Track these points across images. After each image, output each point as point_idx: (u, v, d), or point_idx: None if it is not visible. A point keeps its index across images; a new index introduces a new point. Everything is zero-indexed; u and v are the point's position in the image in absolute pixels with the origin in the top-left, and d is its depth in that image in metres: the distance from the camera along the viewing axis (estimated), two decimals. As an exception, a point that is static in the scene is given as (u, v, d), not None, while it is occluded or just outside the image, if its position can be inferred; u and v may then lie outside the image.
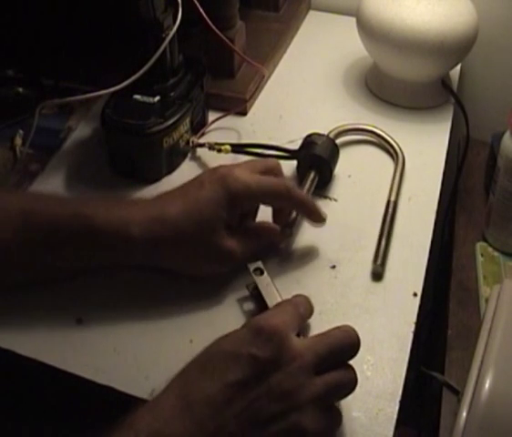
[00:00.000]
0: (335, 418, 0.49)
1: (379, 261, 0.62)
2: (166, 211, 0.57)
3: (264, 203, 0.63)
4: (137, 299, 0.60)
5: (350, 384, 0.48)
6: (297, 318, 0.50)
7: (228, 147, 0.74)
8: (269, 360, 0.46)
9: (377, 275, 0.62)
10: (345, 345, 0.49)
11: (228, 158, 0.74)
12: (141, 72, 0.68)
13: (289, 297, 0.57)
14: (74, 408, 0.60)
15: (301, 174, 0.72)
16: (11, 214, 0.57)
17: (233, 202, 0.58)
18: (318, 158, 0.71)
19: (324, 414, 0.47)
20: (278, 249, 0.64)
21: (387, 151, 0.77)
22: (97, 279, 0.61)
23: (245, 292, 0.60)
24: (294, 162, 0.73)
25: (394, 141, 0.77)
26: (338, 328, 0.50)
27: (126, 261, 0.59)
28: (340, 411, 0.49)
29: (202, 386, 0.46)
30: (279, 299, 0.56)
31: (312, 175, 0.70)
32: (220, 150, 0.74)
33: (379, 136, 0.78)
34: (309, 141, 0.72)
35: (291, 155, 0.73)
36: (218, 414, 0.45)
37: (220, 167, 0.60)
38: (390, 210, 0.68)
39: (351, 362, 0.49)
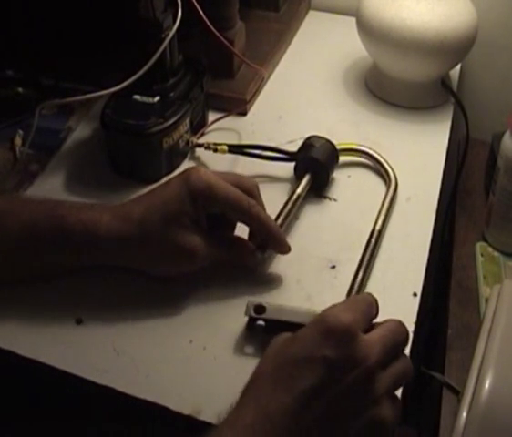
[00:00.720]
0: (399, 403, 0.50)
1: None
2: (132, 210, 0.59)
3: (226, 212, 0.61)
4: (136, 300, 0.60)
5: (410, 372, 0.50)
6: (366, 315, 0.49)
7: (224, 147, 0.74)
8: (343, 360, 0.45)
9: None
10: (403, 336, 0.50)
11: (226, 159, 0.74)
12: (141, 72, 0.68)
13: (289, 301, 0.57)
14: (74, 408, 0.60)
15: (298, 176, 0.71)
16: None
17: (194, 199, 0.58)
18: (315, 161, 0.70)
19: (393, 402, 0.48)
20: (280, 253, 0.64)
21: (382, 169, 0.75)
22: (96, 279, 0.61)
23: (244, 292, 0.60)
24: (292, 164, 0.72)
25: (388, 164, 0.73)
26: (390, 320, 0.50)
27: (96, 261, 0.60)
28: (398, 396, 0.50)
29: (279, 396, 0.45)
30: (306, 310, 0.55)
31: (306, 179, 0.69)
32: (215, 150, 0.74)
33: (374, 158, 0.75)
34: (307, 143, 0.72)
35: (288, 156, 0.73)
36: (298, 422, 0.44)
37: (190, 167, 0.60)
38: (373, 241, 0.64)
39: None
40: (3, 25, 0.87)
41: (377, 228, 0.66)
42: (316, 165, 0.70)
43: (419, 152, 0.78)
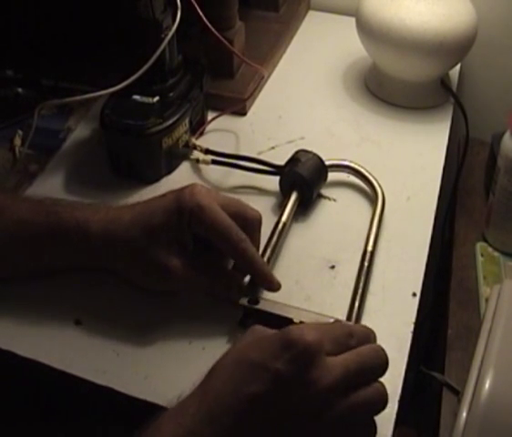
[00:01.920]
0: (366, 434, 0.47)
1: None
2: (123, 214, 0.59)
3: (212, 239, 0.57)
4: (136, 300, 0.60)
5: (380, 401, 0.47)
6: (335, 341, 0.46)
7: (208, 159, 0.73)
8: (293, 377, 0.44)
9: None
10: (375, 364, 0.47)
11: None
12: (140, 72, 0.68)
13: (288, 301, 0.57)
14: (72, 409, 0.60)
15: (283, 192, 0.70)
16: None
17: (181, 215, 0.56)
18: (299, 177, 0.68)
19: (353, 431, 0.46)
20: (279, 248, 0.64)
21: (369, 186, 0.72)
22: (95, 280, 0.61)
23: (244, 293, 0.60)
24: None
25: (376, 180, 0.71)
26: (367, 346, 0.48)
27: (86, 260, 0.60)
28: (375, 425, 0.47)
29: (225, 394, 0.45)
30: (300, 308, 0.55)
31: (291, 201, 0.67)
32: (197, 161, 0.74)
33: (362, 175, 0.72)
34: (295, 158, 0.69)
35: (274, 170, 0.71)
36: (237, 426, 0.44)
37: (193, 184, 0.59)
38: (366, 264, 0.62)
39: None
40: (3, 25, 0.87)
41: (369, 249, 0.63)
42: (301, 181, 0.68)
43: (419, 152, 0.78)
